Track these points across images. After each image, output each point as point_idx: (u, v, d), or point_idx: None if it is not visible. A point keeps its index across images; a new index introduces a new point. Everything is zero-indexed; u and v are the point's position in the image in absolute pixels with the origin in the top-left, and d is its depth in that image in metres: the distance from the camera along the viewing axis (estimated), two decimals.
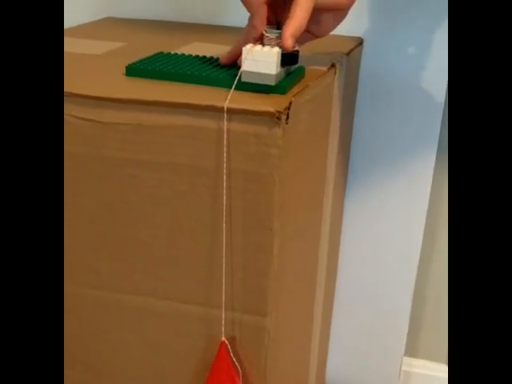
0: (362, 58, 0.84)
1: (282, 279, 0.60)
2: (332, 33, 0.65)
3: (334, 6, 0.62)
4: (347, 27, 0.69)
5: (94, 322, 0.64)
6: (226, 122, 0.53)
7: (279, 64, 0.57)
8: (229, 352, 0.60)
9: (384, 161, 0.88)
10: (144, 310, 0.62)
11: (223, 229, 0.56)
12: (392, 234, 0.92)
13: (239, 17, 0.63)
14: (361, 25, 0.84)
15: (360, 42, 0.82)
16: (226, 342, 0.60)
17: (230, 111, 0.53)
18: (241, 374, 0.60)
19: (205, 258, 0.58)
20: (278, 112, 0.52)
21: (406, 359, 1.01)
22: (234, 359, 0.60)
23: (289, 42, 0.56)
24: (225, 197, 0.55)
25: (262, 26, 0.58)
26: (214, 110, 0.53)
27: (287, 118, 0.53)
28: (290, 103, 0.53)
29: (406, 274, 0.93)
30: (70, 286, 0.62)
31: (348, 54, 0.73)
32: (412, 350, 1.02)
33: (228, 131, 0.53)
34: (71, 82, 0.57)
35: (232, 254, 0.57)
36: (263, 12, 0.58)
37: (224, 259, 0.57)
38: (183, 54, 0.66)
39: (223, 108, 0.53)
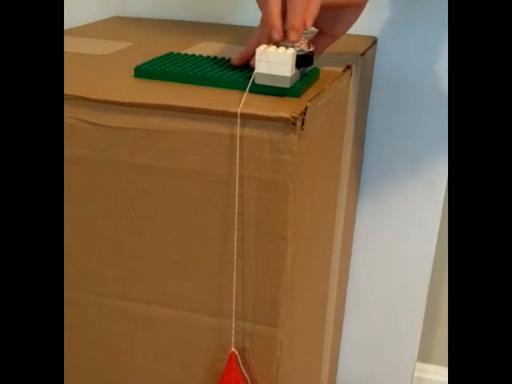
0: (376, 58, 0.82)
1: (295, 289, 0.58)
2: None
3: (349, 2, 0.59)
4: (360, 26, 0.66)
5: (99, 330, 0.62)
6: (239, 128, 0.51)
7: (294, 66, 0.55)
8: (239, 363, 0.58)
9: (397, 164, 0.86)
10: (151, 318, 0.60)
11: (235, 237, 0.54)
12: (405, 239, 0.90)
13: (249, 16, 0.61)
14: (375, 23, 0.82)
15: (374, 41, 0.80)
16: (236, 352, 0.58)
17: (244, 116, 0.51)
18: None
19: (215, 266, 0.56)
20: (294, 118, 0.50)
21: (419, 365, 1.00)
22: (244, 371, 0.58)
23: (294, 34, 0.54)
24: (237, 205, 0.53)
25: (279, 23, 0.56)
26: (227, 116, 0.51)
27: (303, 123, 0.51)
28: (306, 108, 0.51)
29: (419, 280, 0.91)
30: (75, 293, 0.61)
31: (363, 54, 0.71)
32: (425, 356, 1.00)
33: (241, 137, 0.51)
34: (77, 85, 0.56)
35: (244, 263, 0.55)
36: (278, 7, 0.56)
37: (235, 268, 0.55)
38: (193, 55, 0.63)
39: (236, 113, 0.51)
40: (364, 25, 0.71)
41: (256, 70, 0.54)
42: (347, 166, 0.73)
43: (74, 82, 0.56)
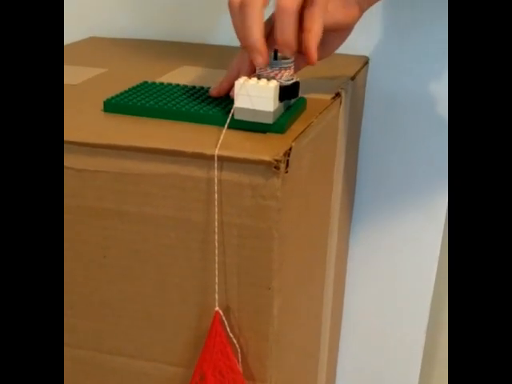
0: (368, 79, 0.78)
1: (283, 341, 0.53)
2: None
3: (338, 25, 0.55)
4: (351, 44, 0.61)
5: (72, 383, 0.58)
6: (216, 172, 0.46)
7: (277, 99, 0.50)
8: None
9: (393, 193, 0.82)
10: (127, 371, 0.56)
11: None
12: (402, 274, 0.85)
13: (234, 35, 0.55)
14: (366, 41, 0.77)
15: (365, 62, 0.76)
16: None
17: (222, 159, 0.46)
18: None
19: (194, 318, 0.52)
20: (276, 161, 0.45)
21: None
22: None
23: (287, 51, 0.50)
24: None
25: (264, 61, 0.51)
26: (203, 158, 0.46)
27: (287, 165, 0.46)
28: (290, 148, 0.47)
29: (418, 318, 0.86)
30: None
31: (353, 77, 0.67)
32: None
33: (219, 181, 0.47)
34: None
35: (226, 315, 0.51)
36: (259, 28, 0.51)
37: None
38: (169, 84, 0.59)
39: (213, 156, 0.46)
40: (354, 43, 0.67)
41: (235, 105, 0.49)
42: (338, 202, 0.68)
43: None
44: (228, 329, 0.50)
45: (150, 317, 0.53)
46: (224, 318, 0.50)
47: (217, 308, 0.50)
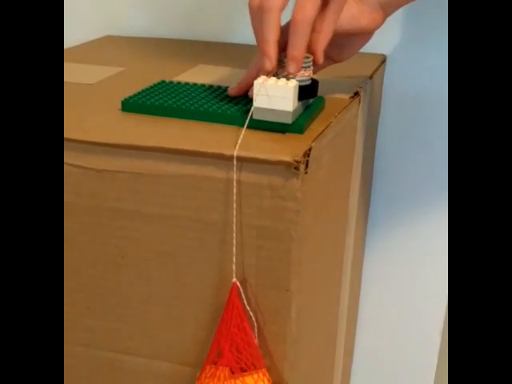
0: (385, 78, 0.77)
1: (300, 343, 0.53)
2: None
3: (361, 30, 0.55)
4: (368, 43, 0.61)
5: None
6: (235, 172, 0.46)
7: (296, 99, 0.50)
8: None
9: (409, 193, 0.81)
10: (145, 372, 0.55)
11: None
12: (417, 277, 0.84)
13: (248, 33, 0.55)
14: (383, 39, 0.77)
15: (383, 60, 0.75)
16: None
17: (241, 160, 0.46)
18: None
19: (212, 319, 0.51)
20: (296, 162, 0.45)
21: None
22: None
23: (293, 66, 0.49)
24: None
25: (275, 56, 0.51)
26: (223, 159, 0.46)
27: (306, 166, 0.46)
28: (310, 149, 0.46)
29: (433, 319, 0.85)
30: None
31: (371, 76, 0.66)
32: None
33: (238, 182, 0.46)
34: None
35: None
36: (275, 34, 0.50)
37: None
38: (187, 83, 0.59)
39: (232, 156, 0.46)
40: (371, 41, 0.66)
41: (254, 105, 0.49)
42: (355, 203, 0.68)
43: None
44: (245, 301, 0.49)
45: (168, 318, 0.52)
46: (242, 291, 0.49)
47: (234, 279, 0.48)
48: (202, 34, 0.82)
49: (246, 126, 0.48)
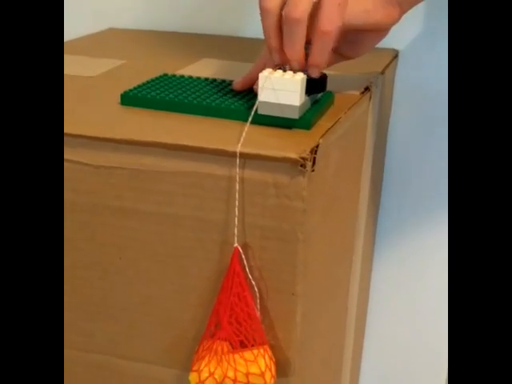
0: (397, 73, 0.74)
1: (306, 350, 0.50)
2: None
3: (377, 26, 0.52)
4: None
5: None
6: (238, 170, 0.44)
7: (304, 93, 0.48)
8: None
9: (420, 193, 0.78)
10: (145, 377, 0.53)
11: None
12: (428, 284, 0.82)
13: (258, 27, 0.53)
14: (395, 34, 0.74)
15: (395, 55, 0.72)
16: None
17: (244, 156, 0.43)
18: None
19: None
20: (303, 159, 0.42)
21: None
22: None
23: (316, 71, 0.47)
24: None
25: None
26: (225, 155, 0.44)
27: (313, 164, 0.43)
28: (317, 146, 0.44)
29: (442, 328, 0.83)
30: None
31: (383, 71, 0.63)
32: None
33: (241, 180, 0.44)
34: None
35: None
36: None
37: None
38: (190, 77, 0.56)
39: (235, 153, 0.43)
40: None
41: (259, 99, 0.47)
42: (365, 203, 0.65)
43: None
44: (247, 268, 0.46)
45: (167, 321, 0.50)
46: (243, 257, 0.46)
47: (236, 244, 0.45)
48: (207, 28, 0.80)
49: (250, 121, 0.46)
